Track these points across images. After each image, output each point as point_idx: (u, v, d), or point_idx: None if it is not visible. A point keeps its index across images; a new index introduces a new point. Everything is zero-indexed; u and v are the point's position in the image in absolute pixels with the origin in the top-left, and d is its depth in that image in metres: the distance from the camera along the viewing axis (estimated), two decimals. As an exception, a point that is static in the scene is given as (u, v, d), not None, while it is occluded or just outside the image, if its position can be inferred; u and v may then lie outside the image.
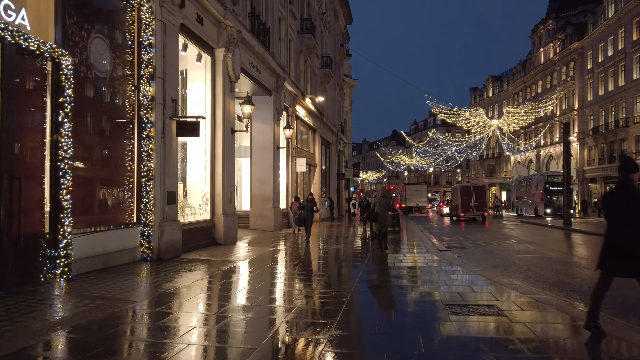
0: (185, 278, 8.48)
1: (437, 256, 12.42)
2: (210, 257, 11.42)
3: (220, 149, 14.02)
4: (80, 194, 8.66)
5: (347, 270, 10.27)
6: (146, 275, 8.81)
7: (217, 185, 14.00)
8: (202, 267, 9.90)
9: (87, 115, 9.29)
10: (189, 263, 10.38)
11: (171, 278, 8.51)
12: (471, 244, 16.27)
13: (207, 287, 8.03)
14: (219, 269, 9.83)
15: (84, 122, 9.18)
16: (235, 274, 9.46)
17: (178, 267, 9.83)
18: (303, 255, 12.73)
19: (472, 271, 9.64)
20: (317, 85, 32.16)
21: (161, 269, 9.48)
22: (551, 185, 42.99)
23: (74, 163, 8.11)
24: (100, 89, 9.60)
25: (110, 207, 9.73)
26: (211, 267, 9.96)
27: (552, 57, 58.90)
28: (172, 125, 11.04)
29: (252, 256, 12.01)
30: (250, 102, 14.57)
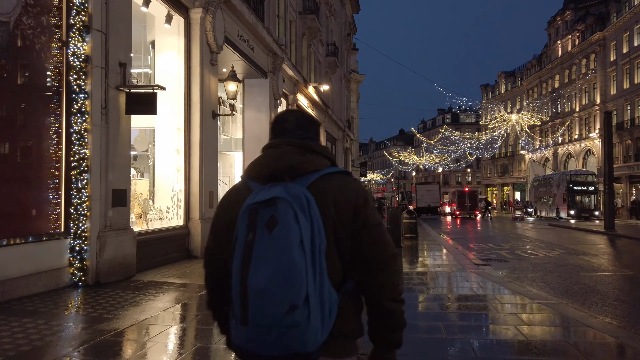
0: (127, 317, 5.50)
1: (477, 274, 9.39)
2: (177, 278, 8.44)
3: (196, 136, 11.04)
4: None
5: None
6: (66, 314, 5.83)
7: (193, 183, 11.01)
8: (160, 295, 6.92)
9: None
10: (142, 289, 7.39)
11: (105, 316, 5.53)
12: (510, 255, 13.19)
13: (160, 333, 5.04)
14: (185, 296, 6.85)
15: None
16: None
17: (123, 296, 6.86)
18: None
19: (550, 307, 6.57)
20: (322, 76, 29.16)
21: (96, 301, 6.50)
22: (575, 185, 39.76)
23: None
24: (3, 40, 6.64)
25: (18, 212, 6.78)
26: (175, 294, 6.98)
27: (570, 50, 55.60)
28: (119, 98, 8.06)
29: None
30: (236, 77, 11.60)
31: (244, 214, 1.44)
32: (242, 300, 1.38)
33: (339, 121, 33.92)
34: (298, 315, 1.33)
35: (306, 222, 1.40)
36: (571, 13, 57.23)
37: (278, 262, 1.35)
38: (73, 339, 4.92)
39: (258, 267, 1.36)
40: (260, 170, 1.55)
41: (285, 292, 1.34)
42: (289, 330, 1.34)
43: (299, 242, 1.37)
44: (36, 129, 7.20)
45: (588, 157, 52.42)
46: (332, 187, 1.51)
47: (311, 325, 1.36)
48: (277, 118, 1.71)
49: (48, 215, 7.16)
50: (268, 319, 1.34)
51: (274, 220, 1.38)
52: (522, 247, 15.20)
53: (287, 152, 1.55)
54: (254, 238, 1.39)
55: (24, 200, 6.96)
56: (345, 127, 37.94)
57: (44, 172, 7.17)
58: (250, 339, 1.39)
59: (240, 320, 1.39)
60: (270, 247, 1.37)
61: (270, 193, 1.43)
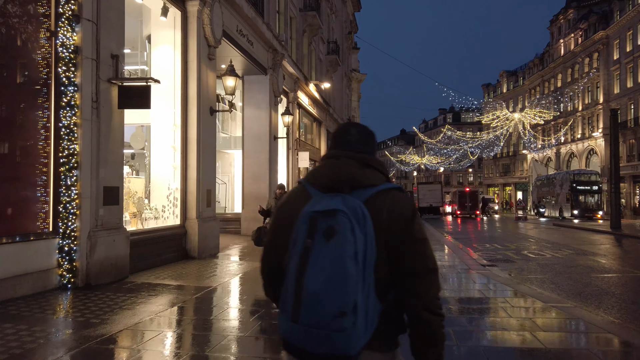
0: (116, 322, 5.14)
1: (484, 275, 9.04)
2: (172, 280, 8.09)
3: (194, 132, 10.68)
4: None
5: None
6: (51, 318, 5.48)
7: (190, 181, 10.66)
8: (153, 298, 6.57)
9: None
10: (134, 291, 7.04)
11: (92, 321, 5.18)
12: (516, 255, 12.83)
13: (152, 339, 4.68)
14: (180, 299, 6.49)
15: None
16: (203, 312, 6.12)
17: (114, 298, 6.51)
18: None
19: (565, 311, 6.21)
20: (323, 74, 28.81)
21: (84, 304, 6.16)
22: (578, 185, 39.33)
23: None
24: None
25: (3, 210, 6.43)
26: (169, 297, 6.63)
27: (573, 49, 55.19)
28: (111, 91, 7.71)
29: (235, 275, 8.67)
30: (234, 72, 11.23)
31: (304, 219, 1.53)
32: (296, 298, 1.48)
33: (340, 120, 33.55)
34: (345, 322, 1.43)
35: (361, 235, 1.49)
36: (574, 12, 56.83)
37: (333, 270, 1.44)
38: (55, 346, 4.58)
39: (314, 271, 1.46)
40: (322, 180, 1.66)
41: (336, 299, 1.44)
42: (335, 333, 1.43)
43: (353, 253, 1.46)
44: (23, 123, 6.86)
45: (591, 157, 52.01)
46: (387, 203, 1.60)
47: (356, 332, 1.45)
48: (340, 129, 1.80)
49: (35, 214, 6.81)
50: (317, 320, 1.44)
51: (332, 230, 1.48)
52: (528, 248, 14.83)
53: (346, 165, 1.65)
54: (312, 244, 1.49)
55: (9, 198, 6.61)
56: (347, 126, 37.57)
57: (31, 168, 6.83)
58: (298, 335, 1.49)
59: (292, 317, 1.49)
60: (327, 255, 1.46)
61: (331, 204, 1.53)
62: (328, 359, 1.47)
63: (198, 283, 7.94)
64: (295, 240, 1.54)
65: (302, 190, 1.70)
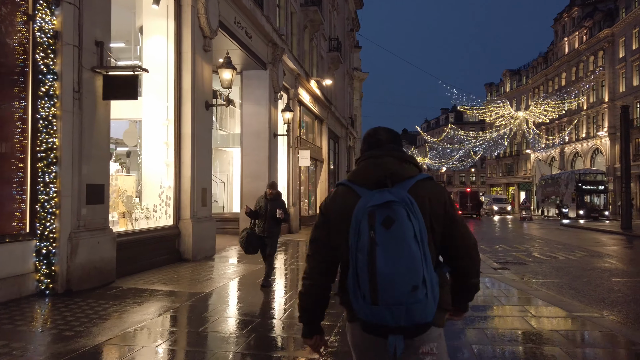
0: (92, 335, 4.55)
1: (497, 279, 8.45)
2: (162, 285, 7.51)
3: (188, 128, 10.10)
4: None
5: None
6: (19, 329, 4.89)
7: (184, 179, 10.08)
8: (138, 306, 5.98)
9: None
10: (119, 298, 6.46)
11: (65, 333, 4.60)
12: (528, 257, 12.22)
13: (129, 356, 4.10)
14: (169, 307, 5.90)
15: None
16: (193, 323, 5.53)
17: (94, 306, 5.92)
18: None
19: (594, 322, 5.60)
20: (325, 71, 28.20)
21: (60, 313, 5.57)
22: (584, 184, 38.73)
23: None
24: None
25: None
26: (157, 304, 6.04)
27: (577, 47, 54.53)
28: (95, 81, 7.12)
29: (231, 279, 8.08)
30: (231, 65, 10.64)
31: (364, 214, 1.75)
32: (371, 284, 1.69)
33: (342, 118, 32.97)
34: (419, 294, 1.68)
35: (415, 220, 1.73)
36: (578, 9, 56.16)
37: (399, 252, 1.68)
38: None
39: (383, 257, 1.68)
40: (367, 178, 1.89)
41: (407, 276, 1.68)
42: (413, 305, 1.68)
43: (413, 235, 1.70)
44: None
45: (596, 156, 51.35)
46: (426, 190, 1.85)
47: (428, 301, 1.70)
48: (370, 133, 2.03)
49: (10, 214, 6.23)
50: (396, 298, 1.67)
51: (389, 219, 1.71)
52: (538, 249, 14.21)
53: (387, 162, 1.90)
54: (375, 235, 1.71)
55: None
56: (349, 125, 36.98)
57: (6, 164, 6.24)
58: (380, 315, 1.70)
59: (371, 301, 1.69)
60: (390, 241, 1.69)
61: (384, 197, 1.76)
62: (409, 329, 1.71)
63: (190, 288, 7.36)
64: (359, 234, 1.73)
65: (347, 189, 1.90)
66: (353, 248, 1.74)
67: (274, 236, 7.70)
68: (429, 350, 1.81)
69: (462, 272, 1.94)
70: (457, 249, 1.90)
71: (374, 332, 1.75)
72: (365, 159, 1.95)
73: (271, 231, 7.59)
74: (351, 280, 1.75)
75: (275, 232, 7.71)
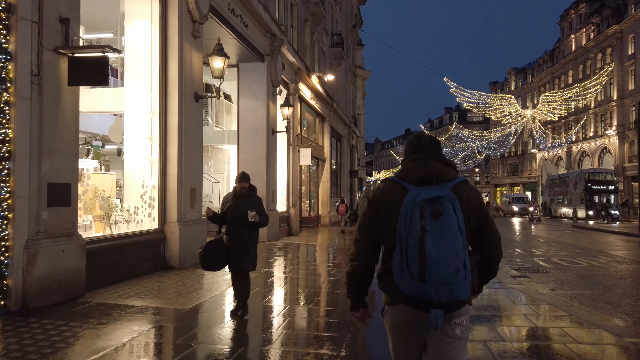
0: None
1: (520, 291, 7.46)
2: (139, 298, 6.54)
3: (174, 121, 9.13)
4: None
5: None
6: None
7: (170, 178, 9.11)
8: (103, 328, 5.00)
9: None
10: (82, 317, 5.49)
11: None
12: (547, 263, 11.21)
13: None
14: (139, 330, 4.92)
15: None
16: (161, 354, 4.55)
17: (49, 330, 4.95)
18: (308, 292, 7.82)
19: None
20: (327, 67, 27.20)
21: (7, 338, 4.60)
22: (593, 184, 37.64)
23: None
24: None
25: None
26: (126, 327, 5.06)
27: (585, 44, 53.41)
28: (59, 63, 6.15)
29: (220, 291, 7.08)
30: (222, 52, 9.65)
31: (415, 206, 2.04)
32: (420, 264, 1.98)
33: (344, 116, 31.97)
34: (460, 276, 1.99)
35: (459, 213, 2.05)
36: (585, 6, 55.05)
37: (446, 240, 1.98)
38: None
39: (432, 243, 1.97)
40: (415, 176, 2.19)
41: (452, 260, 1.99)
42: (455, 285, 1.99)
43: (457, 226, 2.02)
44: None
45: (604, 156, 50.25)
46: (465, 190, 2.18)
47: (466, 282, 2.02)
48: (414, 138, 2.35)
49: (-46, 218, 5.27)
50: (441, 278, 1.97)
51: (438, 211, 2.01)
52: (556, 253, 13.18)
53: (432, 164, 2.22)
54: (424, 224, 1.99)
55: None
56: (352, 124, 35.98)
57: (-52, 159, 5.28)
58: (426, 291, 1.99)
59: (419, 278, 1.98)
60: (438, 230, 1.99)
61: (433, 193, 2.06)
62: (449, 305, 2.03)
63: (171, 303, 6.38)
64: (410, 223, 2.03)
65: (396, 184, 2.22)
66: (403, 234, 2.03)
67: (249, 247, 5.69)
68: (460, 322, 2.14)
69: (489, 260, 2.27)
70: (488, 240, 2.24)
71: (419, 306, 2.05)
72: (412, 160, 2.26)
73: (243, 240, 5.62)
74: (399, 261, 2.04)
75: (250, 241, 5.69)
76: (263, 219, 5.67)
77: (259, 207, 5.71)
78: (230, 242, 5.59)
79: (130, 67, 9.25)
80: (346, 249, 13.93)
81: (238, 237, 5.59)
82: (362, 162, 48.08)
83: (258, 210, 5.61)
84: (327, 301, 7.06)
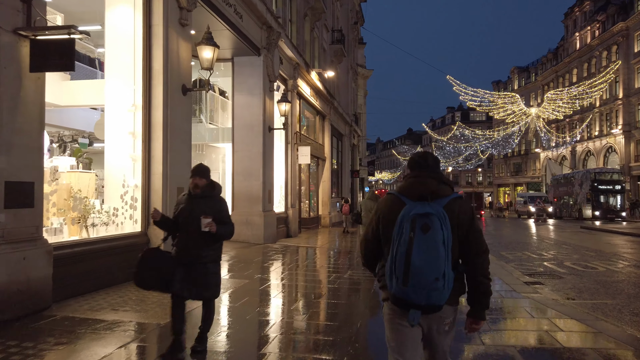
0: None
1: (537, 300, 6.75)
2: (111, 312, 5.85)
3: (159, 115, 8.43)
4: None
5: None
6: None
7: (155, 177, 8.42)
8: (60, 350, 4.31)
9: None
10: (39, 336, 4.80)
11: None
12: (560, 268, 10.48)
13: None
14: (99, 354, 4.22)
15: None
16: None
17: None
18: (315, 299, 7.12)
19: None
20: (327, 64, 26.48)
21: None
22: (600, 184, 36.87)
23: None
24: None
25: None
26: (87, 348, 4.36)
27: (590, 42, 52.60)
28: (20, 47, 5.45)
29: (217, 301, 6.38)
30: (212, 41, 8.96)
31: (408, 219, 2.39)
32: (405, 270, 2.32)
33: (345, 115, 31.25)
34: (439, 284, 2.32)
35: (445, 229, 2.37)
36: (590, 3, 54.28)
37: (430, 252, 2.32)
38: None
39: (417, 253, 2.31)
40: (412, 192, 2.55)
41: (433, 270, 2.31)
42: (432, 291, 2.32)
43: (442, 241, 2.34)
44: None
45: (609, 155, 49.45)
46: (456, 207, 2.51)
47: (444, 290, 2.34)
48: (419, 157, 2.71)
49: None
50: (422, 283, 2.31)
51: (427, 226, 2.35)
52: (569, 257, 12.45)
53: (429, 182, 2.58)
54: (414, 236, 2.34)
55: None
56: (353, 122, 35.26)
57: None
58: (407, 293, 2.35)
59: (402, 281, 2.33)
60: (425, 243, 2.33)
61: (425, 209, 2.40)
62: (427, 307, 2.38)
63: (149, 316, 5.69)
64: (402, 233, 2.38)
65: (396, 198, 2.57)
66: (395, 241, 2.40)
67: (206, 263, 4.29)
68: (449, 322, 2.56)
69: (474, 269, 2.54)
70: (473, 250, 2.54)
71: (400, 305, 2.45)
72: (413, 177, 2.66)
73: (197, 254, 4.25)
74: (389, 265, 2.43)
75: (208, 256, 4.30)
76: (224, 229, 4.26)
77: (221, 212, 4.33)
78: (179, 256, 4.28)
79: (112, 57, 8.57)
80: (347, 252, 13.22)
81: (188, 250, 4.25)
82: (364, 162, 47.35)
83: (218, 216, 4.22)
84: (325, 312, 6.36)
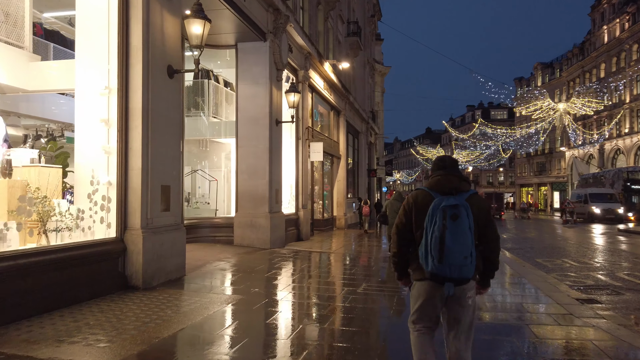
0: None
1: (608, 332, 5.25)
2: (54, 346, 4.52)
3: (137, 100, 7.12)
4: None
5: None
6: None
7: (133, 172, 7.11)
8: None
9: None
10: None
11: None
12: (613, 280, 8.91)
13: None
14: None
15: None
16: None
17: None
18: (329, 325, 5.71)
19: None
20: (342, 57, 25.05)
21: None
22: (633, 184, 34.89)
23: None
24: None
25: None
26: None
27: (618, 35, 50.19)
28: None
29: (208, 317, 5.02)
30: (202, 14, 7.61)
31: (439, 210, 3.01)
32: (440, 252, 2.95)
33: (362, 111, 29.79)
34: (467, 261, 2.98)
35: (469, 218, 3.01)
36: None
37: (460, 236, 2.95)
38: None
39: (449, 237, 2.95)
40: (440, 187, 3.17)
41: (463, 250, 2.96)
42: (463, 267, 2.99)
43: (468, 227, 2.98)
44: None
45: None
46: (475, 201, 3.15)
47: (472, 266, 3.01)
48: (440, 160, 3.37)
49: None
50: (455, 261, 2.96)
51: (455, 215, 2.97)
52: (617, 265, 10.81)
53: (452, 179, 3.21)
54: (445, 223, 2.96)
55: None
56: (370, 119, 33.75)
57: None
58: (443, 270, 2.99)
59: (438, 260, 2.96)
60: (455, 228, 2.95)
61: (453, 201, 3.03)
62: (458, 280, 3.04)
63: (113, 349, 4.35)
64: (435, 221, 2.99)
65: (426, 193, 3.20)
66: (429, 229, 3.01)
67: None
68: (471, 295, 3.15)
69: (487, 251, 3.21)
70: (489, 237, 3.19)
71: (438, 280, 3.06)
72: (438, 175, 3.27)
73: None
74: (423, 248, 3.05)
75: None
76: None
77: None
78: None
79: (82, 32, 7.28)
80: (368, 257, 11.79)
81: None
82: (382, 162, 45.77)
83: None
84: (339, 351, 4.96)
